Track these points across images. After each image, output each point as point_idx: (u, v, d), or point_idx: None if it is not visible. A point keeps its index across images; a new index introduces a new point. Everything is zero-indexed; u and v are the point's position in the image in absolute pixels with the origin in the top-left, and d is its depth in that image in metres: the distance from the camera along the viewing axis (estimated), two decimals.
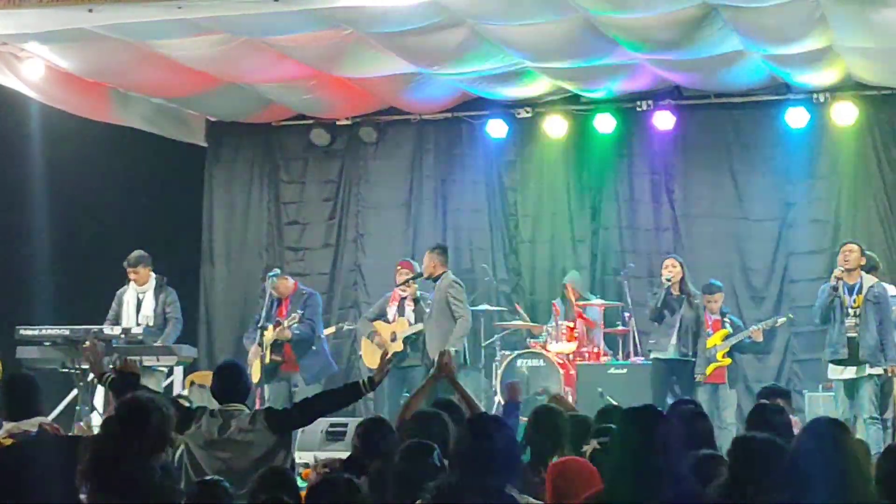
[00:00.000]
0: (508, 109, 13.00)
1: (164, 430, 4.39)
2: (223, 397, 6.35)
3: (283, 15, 9.31)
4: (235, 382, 6.42)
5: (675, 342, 10.17)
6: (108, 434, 4.34)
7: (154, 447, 4.32)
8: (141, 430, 4.27)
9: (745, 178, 12.69)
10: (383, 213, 13.60)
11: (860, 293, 9.65)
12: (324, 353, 10.80)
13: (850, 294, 9.70)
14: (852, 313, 9.65)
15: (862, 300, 9.62)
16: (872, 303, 9.61)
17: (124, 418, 4.37)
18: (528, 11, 9.65)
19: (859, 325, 9.58)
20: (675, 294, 10.34)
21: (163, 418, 4.37)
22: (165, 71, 11.17)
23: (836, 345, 9.70)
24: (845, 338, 9.61)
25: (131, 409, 4.40)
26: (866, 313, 9.58)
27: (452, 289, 10.33)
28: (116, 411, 4.51)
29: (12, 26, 9.43)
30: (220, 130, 13.93)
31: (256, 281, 13.29)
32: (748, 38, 10.34)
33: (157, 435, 4.33)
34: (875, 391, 9.52)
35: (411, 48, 10.60)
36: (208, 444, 6.13)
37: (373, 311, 11.24)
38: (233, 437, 6.10)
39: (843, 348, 9.61)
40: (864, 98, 12.14)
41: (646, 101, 12.55)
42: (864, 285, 9.69)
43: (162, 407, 4.42)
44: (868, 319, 9.56)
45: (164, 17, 9.08)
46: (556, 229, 13.19)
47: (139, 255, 10.53)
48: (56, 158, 11.26)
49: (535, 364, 11.41)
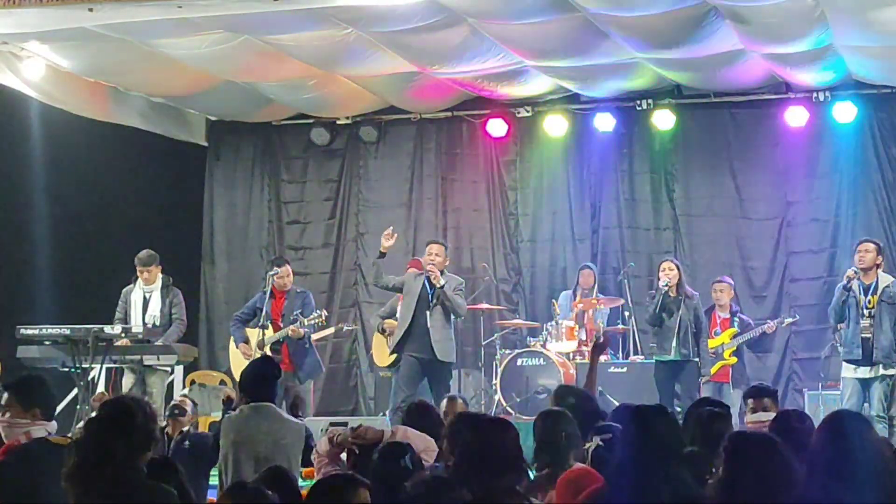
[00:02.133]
0: (508, 108, 13.01)
1: (149, 430, 4.32)
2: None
3: (284, 14, 9.32)
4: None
5: (675, 344, 10.16)
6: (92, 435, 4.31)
7: (140, 447, 4.28)
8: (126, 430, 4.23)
9: (745, 176, 12.70)
10: (384, 212, 13.59)
11: (875, 293, 9.54)
12: (314, 352, 10.78)
13: (865, 294, 9.59)
14: (867, 314, 9.55)
15: (877, 300, 9.54)
16: (887, 303, 9.50)
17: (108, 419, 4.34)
18: (527, 10, 9.66)
19: (874, 325, 9.50)
20: (673, 296, 10.34)
21: (147, 418, 4.34)
22: (166, 70, 11.18)
23: (851, 345, 9.62)
24: (860, 338, 9.54)
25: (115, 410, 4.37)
26: (881, 314, 9.49)
27: (460, 285, 10.42)
28: (99, 412, 4.47)
29: (13, 25, 9.43)
30: (220, 129, 13.94)
31: (257, 280, 13.29)
32: (748, 37, 10.34)
33: (142, 434, 4.28)
34: (886, 391, 9.47)
35: (411, 47, 10.61)
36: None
37: (384, 310, 11.20)
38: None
39: (858, 348, 9.54)
40: (864, 97, 12.14)
41: (646, 100, 12.57)
42: (880, 285, 9.58)
43: (146, 406, 4.39)
44: (882, 320, 9.47)
45: (164, 17, 9.09)
46: (557, 228, 13.21)
47: (151, 255, 10.52)
48: (56, 158, 11.27)
49: (535, 363, 11.42)
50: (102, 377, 10.06)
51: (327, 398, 13.09)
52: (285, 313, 10.53)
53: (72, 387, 9.82)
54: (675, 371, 10.23)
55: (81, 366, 9.49)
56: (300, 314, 10.37)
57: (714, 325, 10.95)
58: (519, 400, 11.24)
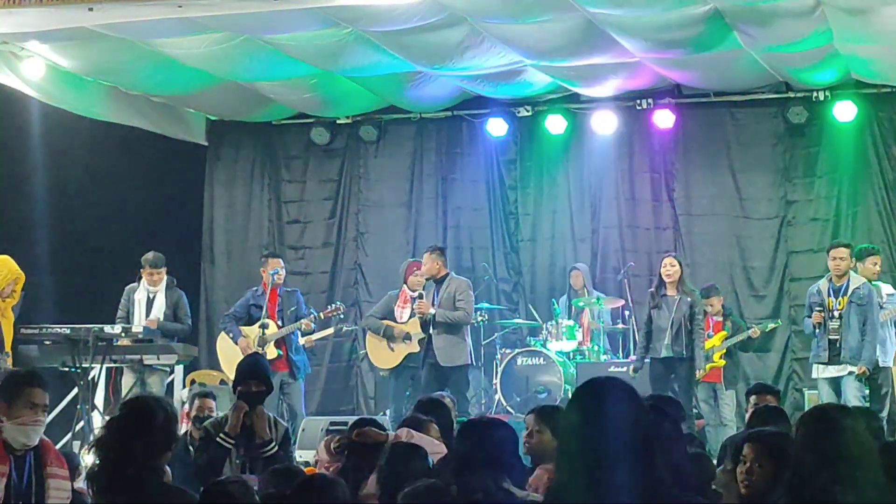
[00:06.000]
0: (509, 108, 13.01)
1: (169, 430, 4.32)
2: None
3: (284, 13, 9.31)
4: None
5: (668, 342, 10.17)
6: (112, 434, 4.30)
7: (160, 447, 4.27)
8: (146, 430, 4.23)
9: (746, 176, 12.70)
10: (384, 212, 13.61)
11: (845, 295, 9.64)
12: (303, 351, 10.79)
13: (835, 296, 9.71)
14: (836, 315, 9.66)
15: (846, 301, 9.62)
16: (856, 304, 9.59)
17: (129, 418, 4.33)
18: (528, 10, 9.65)
19: (842, 326, 9.59)
20: (670, 294, 10.32)
21: (167, 418, 4.33)
22: (166, 70, 11.18)
23: (819, 348, 9.78)
24: (826, 340, 9.67)
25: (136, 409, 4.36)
26: (849, 316, 9.57)
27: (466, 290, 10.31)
28: (121, 411, 4.47)
29: (13, 25, 9.42)
30: (220, 129, 13.94)
31: (257, 280, 13.25)
32: (748, 37, 10.34)
33: (162, 435, 4.27)
34: (858, 386, 9.53)
35: (411, 47, 10.60)
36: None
37: (378, 310, 11.14)
38: None
39: (824, 351, 9.68)
40: (864, 96, 12.14)
41: (646, 99, 12.57)
42: (850, 287, 9.66)
43: (167, 406, 4.38)
44: (851, 322, 9.56)
45: (164, 16, 9.08)
46: (557, 228, 13.21)
47: (159, 257, 10.54)
48: (56, 157, 11.27)
49: (534, 363, 11.42)
50: (102, 377, 10.07)
51: (327, 398, 13.10)
52: (282, 309, 10.52)
53: (72, 387, 9.83)
54: (670, 368, 10.22)
55: (81, 366, 9.50)
56: (312, 310, 10.39)
57: (707, 329, 10.93)
58: (519, 400, 11.25)
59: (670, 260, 10.52)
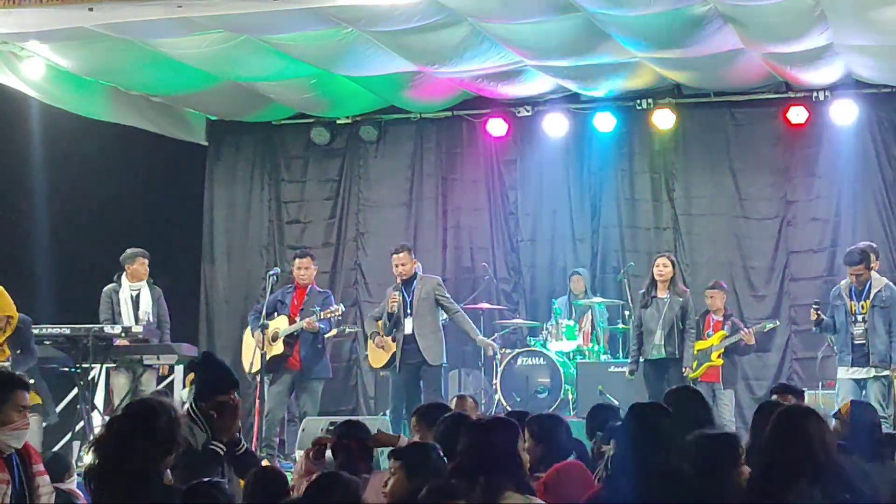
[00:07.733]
0: (508, 108, 13.01)
1: (172, 433, 4.29)
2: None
3: (284, 13, 9.32)
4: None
5: (660, 343, 10.16)
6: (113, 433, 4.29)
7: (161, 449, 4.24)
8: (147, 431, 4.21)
9: (745, 176, 12.70)
10: (384, 212, 13.61)
11: (867, 298, 9.53)
12: (325, 354, 10.75)
13: (857, 299, 9.59)
14: (860, 319, 9.54)
15: (869, 305, 9.52)
16: (880, 307, 9.48)
17: (131, 418, 4.32)
18: (528, 10, 9.66)
19: (868, 330, 9.48)
20: (661, 296, 10.32)
21: (171, 420, 4.31)
22: (166, 70, 11.18)
23: (842, 352, 9.64)
24: (851, 344, 9.55)
25: (139, 410, 4.34)
26: (874, 318, 9.47)
27: (441, 287, 10.43)
28: (124, 411, 4.46)
29: (13, 25, 9.43)
30: (220, 129, 13.94)
31: (257, 280, 13.32)
32: (748, 37, 10.34)
33: (164, 436, 4.25)
34: (883, 391, 9.46)
35: (411, 46, 10.61)
36: None
37: (377, 311, 11.15)
38: None
39: (848, 356, 9.56)
40: (864, 96, 12.14)
41: (646, 99, 12.57)
42: (872, 289, 9.56)
43: (171, 409, 4.36)
44: (876, 325, 9.45)
45: (164, 16, 9.09)
46: (557, 228, 13.20)
47: (140, 249, 10.54)
48: (56, 158, 11.27)
49: (534, 363, 11.42)
50: (102, 377, 10.08)
51: (327, 398, 13.05)
52: (304, 308, 10.45)
53: (72, 387, 9.84)
54: (663, 368, 10.22)
55: (81, 366, 9.50)
56: (319, 309, 10.37)
57: (707, 328, 10.93)
58: (519, 400, 11.25)
59: (663, 260, 10.51)
